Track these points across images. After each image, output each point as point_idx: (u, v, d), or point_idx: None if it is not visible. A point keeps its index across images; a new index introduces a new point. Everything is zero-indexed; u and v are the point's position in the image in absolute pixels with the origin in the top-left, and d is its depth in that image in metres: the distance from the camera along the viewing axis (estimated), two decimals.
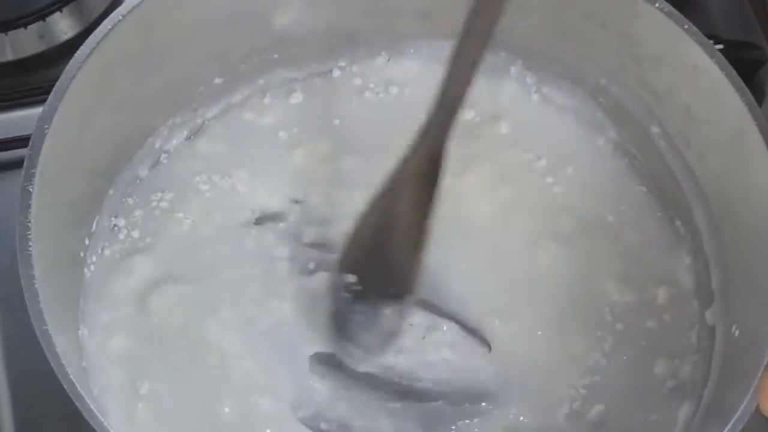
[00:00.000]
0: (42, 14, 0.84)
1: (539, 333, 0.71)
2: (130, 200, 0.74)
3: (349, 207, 0.73)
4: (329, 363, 0.70)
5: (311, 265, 0.72)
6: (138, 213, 0.74)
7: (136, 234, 0.73)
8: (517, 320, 0.72)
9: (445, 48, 0.57)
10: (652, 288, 0.72)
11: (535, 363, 0.70)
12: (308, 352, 0.70)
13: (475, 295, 0.72)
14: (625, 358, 0.70)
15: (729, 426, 0.57)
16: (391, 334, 0.68)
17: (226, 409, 0.68)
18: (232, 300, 0.71)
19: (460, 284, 0.73)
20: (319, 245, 0.73)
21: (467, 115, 0.77)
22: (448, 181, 0.74)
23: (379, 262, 0.66)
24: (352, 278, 0.66)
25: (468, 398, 0.70)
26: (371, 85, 0.79)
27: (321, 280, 0.71)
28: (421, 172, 0.61)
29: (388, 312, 0.67)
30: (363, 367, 0.70)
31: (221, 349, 0.69)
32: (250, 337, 0.70)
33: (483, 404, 0.69)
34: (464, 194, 0.75)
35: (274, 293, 0.71)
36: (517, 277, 0.73)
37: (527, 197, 0.75)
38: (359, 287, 0.66)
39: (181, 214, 0.74)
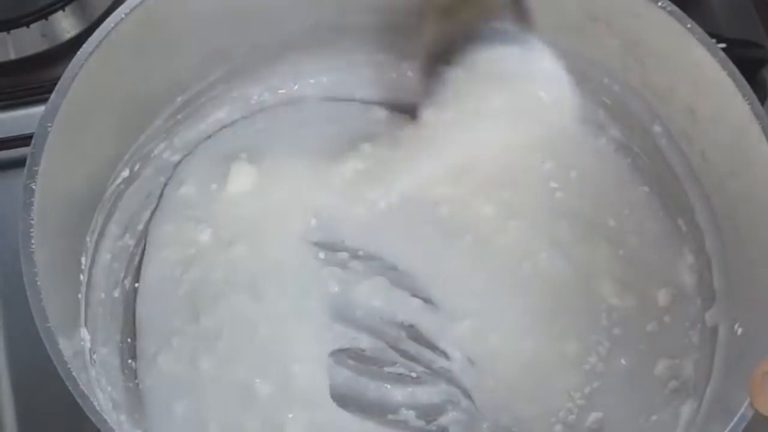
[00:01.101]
0: (44, 13, 0.83)
1: (533, 337, 0.71)
2: None
3: (357, 208, 0.74)
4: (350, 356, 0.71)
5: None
6: None
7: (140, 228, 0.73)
8: (510, 325, 0.71)
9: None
10: (653, 291, 0.72)
11: (529, 369, 0.70)
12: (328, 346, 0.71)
13: (470, 298, 0.72)
14: (624, 361, 0.70)
15: (732, 424, 0.57)
16: None
17: (257, 381, 0.68)
18: (238, 295, 0.71)
19: (457, 286, 0.72)
20: (324, 244, 0.74)
21: None
22: (446, 183, 0.75)
23: None
24: None
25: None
26: None
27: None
28: None
29: None
30: None
31: (229, 340, 0.69)
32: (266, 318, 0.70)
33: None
34: (463, 196, 0.74)
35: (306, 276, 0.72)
36: (513, 281, 0.72)
37: (528, 200, 0.75)
38: None
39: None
